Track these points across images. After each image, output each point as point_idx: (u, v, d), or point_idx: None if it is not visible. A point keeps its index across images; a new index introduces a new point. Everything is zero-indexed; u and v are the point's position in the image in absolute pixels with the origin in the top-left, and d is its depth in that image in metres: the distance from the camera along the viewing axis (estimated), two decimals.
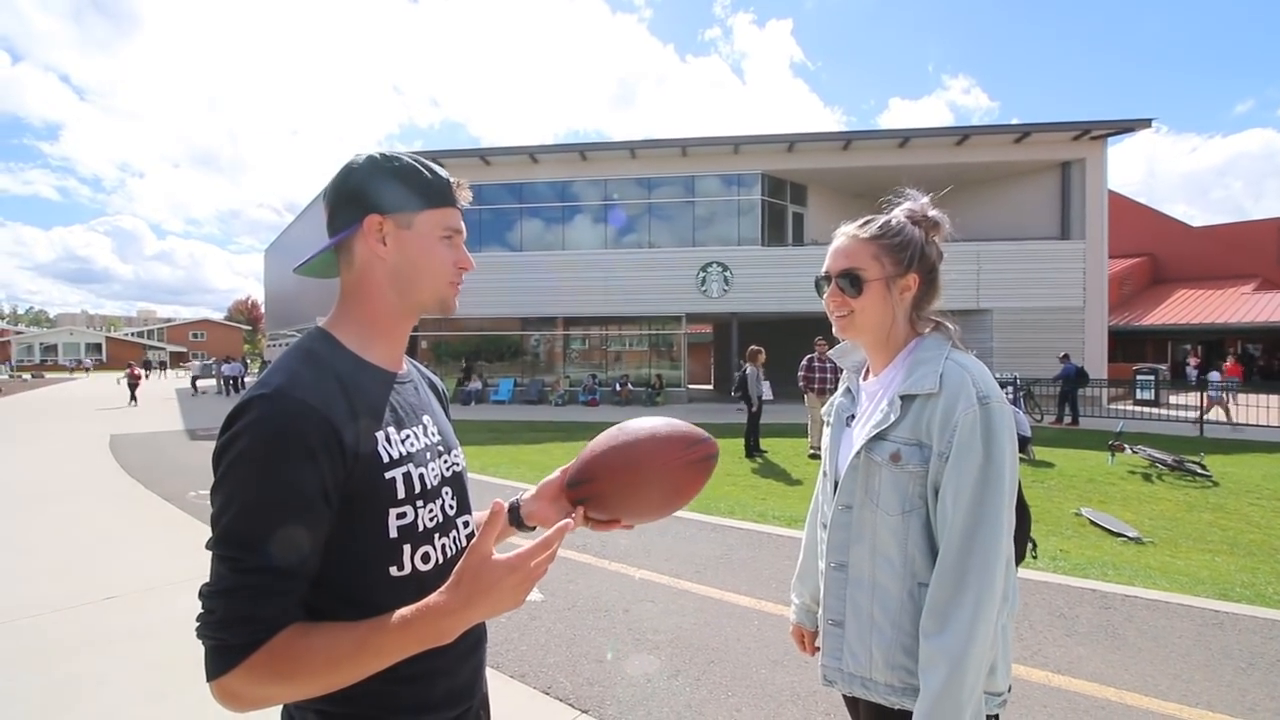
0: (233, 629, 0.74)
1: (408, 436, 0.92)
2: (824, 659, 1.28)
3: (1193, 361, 22.06)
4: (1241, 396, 14.12)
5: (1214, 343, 26.33)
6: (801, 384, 9.55)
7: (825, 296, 1.28)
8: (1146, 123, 17.13)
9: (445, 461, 0.99)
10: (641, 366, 20.18)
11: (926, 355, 1.19)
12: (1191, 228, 30.76)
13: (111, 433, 12.62)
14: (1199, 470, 7.45)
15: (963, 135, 17.94)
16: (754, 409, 9.54)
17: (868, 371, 1.34)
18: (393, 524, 0.87)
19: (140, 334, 74.52)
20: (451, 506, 0.98)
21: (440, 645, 0.79)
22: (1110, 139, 17.73)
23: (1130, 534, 5.40)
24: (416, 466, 0.91)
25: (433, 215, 0.93)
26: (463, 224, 0.98)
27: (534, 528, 1.09)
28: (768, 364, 9.89)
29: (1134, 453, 8.15)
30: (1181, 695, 2.78)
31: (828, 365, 9.36)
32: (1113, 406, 15.76)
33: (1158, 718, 2.62)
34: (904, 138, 18.13)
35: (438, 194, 0.93)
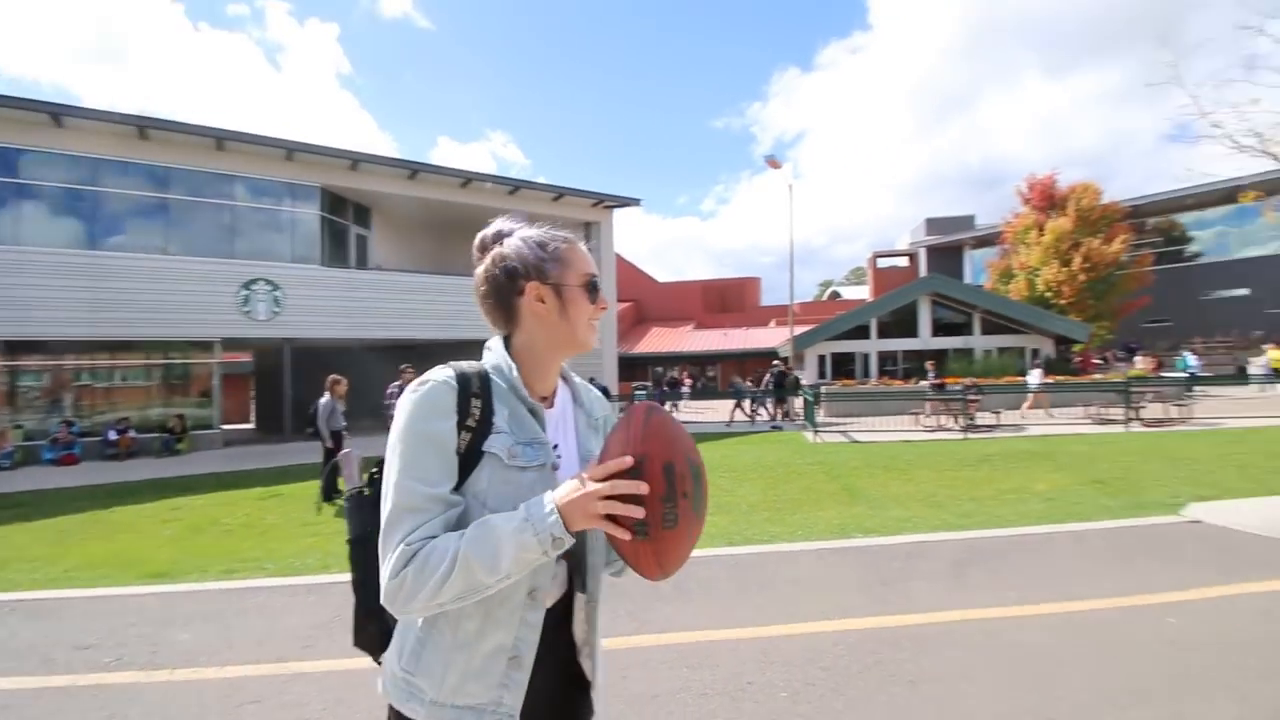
0: None
1: None
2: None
3: (687, 381, 30.05)
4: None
5: (675, 364, 36.89)
6: (388, 415, 9.14)
7: (598, 303, 1.23)
8: (636, 201, 23.01)
9: None
10: (152, 406, 15.50)
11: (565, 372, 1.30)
12: (659, 282, 42.76)
13: None
14: None
15: (515, 186, 20.45)
16: (330, 445, 8.64)
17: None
18: None
19: None
20: None
21: None
22: (616, 209, 23.05)
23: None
24: None
25: None
26: None
27: None
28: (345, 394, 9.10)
29: None
30: (730, 622, 3.95)
31: None
32: None
33: (713, 643, 3.65)
34: (466, 179, 19.45)
35: None
